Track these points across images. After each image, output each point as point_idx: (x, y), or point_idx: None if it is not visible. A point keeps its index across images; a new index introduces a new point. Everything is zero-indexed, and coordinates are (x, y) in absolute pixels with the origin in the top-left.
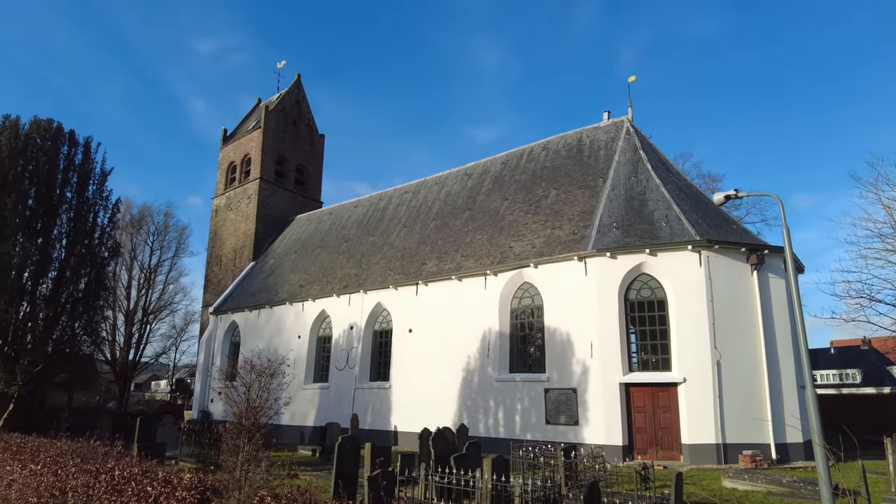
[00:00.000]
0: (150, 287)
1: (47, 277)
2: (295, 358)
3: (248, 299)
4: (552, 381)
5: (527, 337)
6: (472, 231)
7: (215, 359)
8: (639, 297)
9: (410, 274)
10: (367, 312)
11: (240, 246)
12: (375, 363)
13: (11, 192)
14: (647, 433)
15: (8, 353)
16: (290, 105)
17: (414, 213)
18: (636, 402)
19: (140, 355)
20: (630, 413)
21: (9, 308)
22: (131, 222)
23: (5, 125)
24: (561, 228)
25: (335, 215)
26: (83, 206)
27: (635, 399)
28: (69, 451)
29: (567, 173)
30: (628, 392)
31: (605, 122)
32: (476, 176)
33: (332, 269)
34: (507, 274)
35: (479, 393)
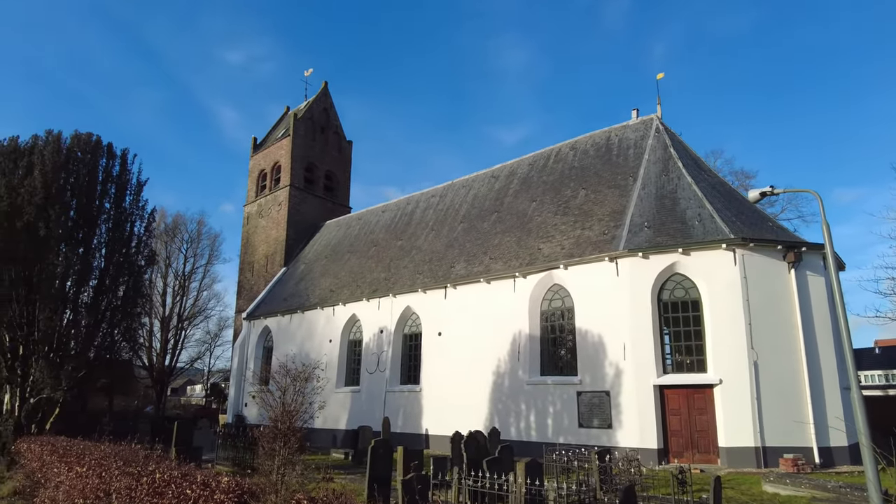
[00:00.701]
0: (185, 294)
1: (88, 286)
2: (326, 362)
3: (280, 304)
4: (584, 383)
5: (557, 339)
6: (500, 233)
7: (249, 363)
8: (672, 297)
9: (439, 277)
10: (396, 316)
11: (271, 252)
12: (406, 366)
13: (55, 204)
14: (682, 436)
15: (53, 359)
16: (318, 112)
17: (441, 216)
18: (671, 405)
19: (176, 360)
20: (665, 416)
21: (53, 316)
22: (166, 231)
23: (48, 140)
24: (591, 229)
25: (364, 220)
26: (121, 216)
27: (670, 401)
28: (112, 454)
29: (596, 173)
30: (663, 394)
31: (634, 121)
32: (503, 178)
33: (362, 273)
34: (537, 276)
35: (510, 396)
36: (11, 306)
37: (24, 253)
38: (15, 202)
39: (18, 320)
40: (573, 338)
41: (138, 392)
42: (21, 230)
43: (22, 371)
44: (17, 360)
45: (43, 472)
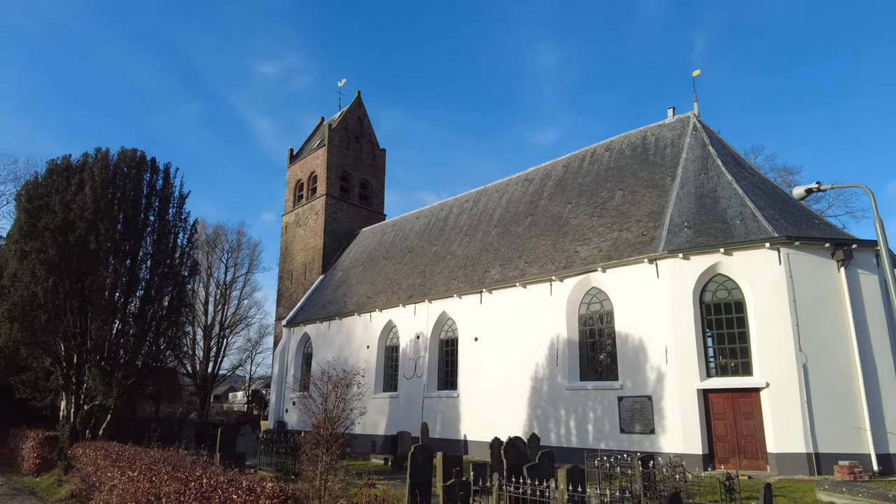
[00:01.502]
0: (226, 302)
1: (135, 296)
2: (364, 367)
3: (319, 311)
4: (625, 388)
5: (597, 343)
6: (535, 237)
7: (289, 370)
8: (715, 298)
9: (474, 282)
10: (432, 321)
11: (309, 260)
12: (443, 372)
13: (104, 219)
14: (728, 441)
15: (104, 367)
16: (352, 122)
17: (475, 221)
18: (715, 409)
19: (218, 368)
20: (709, 420)
21: (104, 326)
22: (207, 242)
23: (97, 157)
24: (629, 230)
25: (398, 227)
26: (164, 228)
27: (714, 405)
28: (161, 459)
29: (633, 173)
30: (707, 398)
31: (671, 119)
32: (537, 181)
33: (398, 279)
34: (574, 279)
35: (549, 402)
36: (66, 317)
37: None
38: (68, 218)
39: (73, 330)
40: (613, 342)
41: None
42: (74, 244)
43: (76, 379)
44: (72, 368)
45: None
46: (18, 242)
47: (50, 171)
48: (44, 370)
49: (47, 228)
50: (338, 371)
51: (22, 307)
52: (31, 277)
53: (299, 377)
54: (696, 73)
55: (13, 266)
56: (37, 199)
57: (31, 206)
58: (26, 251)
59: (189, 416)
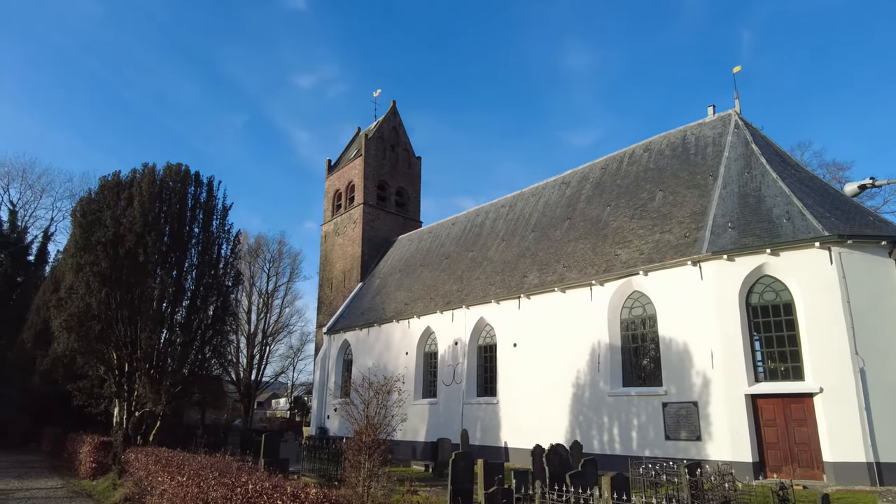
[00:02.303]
0: (268, 311)
1: (181, 306)
2: (404, 374)
3: (358, 318)
4: (670, 394)
5: (639, 349)
6: (574, 240)
7: (330, 376)
8: (762, 300)
9: (511, 287)
10: (470, 328)
11: (348, 268)
12: (482, 378)
13: (151, 232)
14: (780, 449)
15: (154, 375)
16: (388, 131)
17: (511, 226)
18: (765, 415)
19: (261, 375)
20: (759, 427)
21: (152, 335)
22: (249, 252)
23: (145, 173)
24: (670, 232)
25: (434, 234)
26: (209, 239)
27: (764, 412)
28: (208, 465)
29: (673, 174)
30: (755, 404)
31: (711, 117)
32: (574, 184)
33: (435, 285)
34: (615, 283)
35: (592, 408)
36: (118, 327)
37: (126, 277)
38: (118, 231)
39: (123, 340)
40: (656, 346)
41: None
42: (124, 257)
43: (128, 386)
44: (124, 376)
45: (149, 481)
46: (74, 256)
47: (102, 188)
48: (98, 378)
49: (100, 242)
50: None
51: (78, 318)
52: (85, 289)
53: (340, 383)
54: (737, 70)
55: (70, 278)
56: (90, 215)
57: (85, 221)
58: (81, 264)
59: (234, 423)
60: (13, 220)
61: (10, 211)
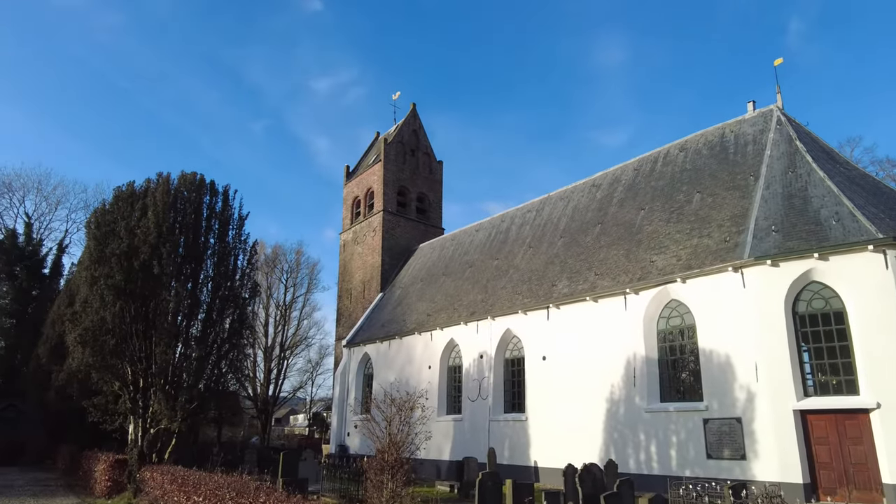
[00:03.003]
0: (286, 323)
1: (197, 320)
2: (427, 389)
3: (379, 331)
4: (711, 409)
5: (678, 361)
6: (606, 246)
7: (350, 391)
8: (810, 309)
9: (539, 297)
10: (496, 340)
11: (368, 278)
12: (509, 393)
13: (166, 243)
14: (834, 469)
15: (169, 391)
16: (408, 135)
17: (539, 232)
18: (816, 433)
19: (279, 390)
20: (809, 445)
21: (168, 350)
22: (266, 262)
23: (159, 182)
24: (709, 236)
25: (457, 241)
26: (224, 250)
27: (815, 428)
28: (225, 484)
29: (711, 174)
30: (805, 420)
31: (751, 114)
32: (605, 186)
33: (458, 296)
34: (650, 291)
35: (627, 425)
36: (132, 341)
37: (140, 290)
38: (133, 243)
39: (138, 354)
40: (696, 359)
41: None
42: (138, 269)
43: (143, 403)
44: (139, 392)
45: (165, 501)
46: (89, 269)
47: (116, 198)
48: (113, 394)
49: (114, 254)
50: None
51: (92, 332)
52: (100, 302)
53: (361, 399)
54: (778, 62)
55: (84, 292)
56: (104, 226)
57: (99, 232)
58: (95, 277)
59: (251, 440)
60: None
61: (26, 223)
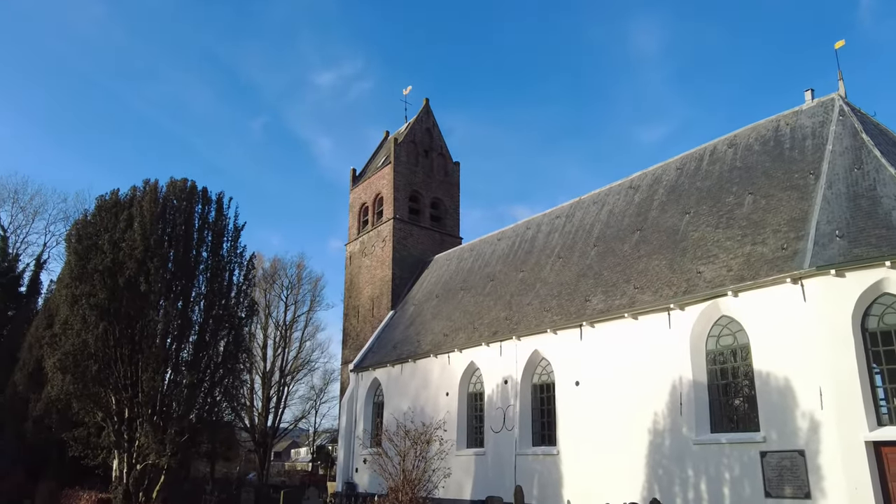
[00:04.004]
0: (287, 345)
1: (188, 342)
2: (444, 419)
3: (390, 353)
4: (770, 441)
5: (730, 386)
6: (646, 256)
7: (358, 422)
8: (882, 325)
9: (571, 314)
10: (522, 363)
11: (377, 294)
12: (538, 423)
13: (154, 257)
14: None
15: (157, 422)
16: (421, 134)
17: (569, 240)
18: (892, 467)
19: (279, 421)
20: (885, 481)
21: (155, 376)
22: (264, 277)
23: (146, 190)
24: (764, 243)
25: (477, 251)
26: (218, 264)
27: (890, 463)
28: None
29: (765, 172)
30: (879, 453)
31: (809, 104)
32: (644, 188)
33: (479, 313)
34: (698, 306)
35: (673, 459)
36: (117, 367)
37: (126, 310)
38: (117, 258)
39: (123, 381)
40: (751, 383)
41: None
42: (123, 286)
43: (128, 435)
44: (124, 423)
45: None
46: (69, 286)
47: (99, 208)
48: (96, 426)
49: (97, 270)
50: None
51: (73, 356)
52: (81, 324)
53: (370, 430)
54: (840, 45)
55: (64, 312)
56: (86, 239)
57: (80, 246)
58: (76, 295)
59: (247, 476)
60: (3, 248)
61: (1, 237)
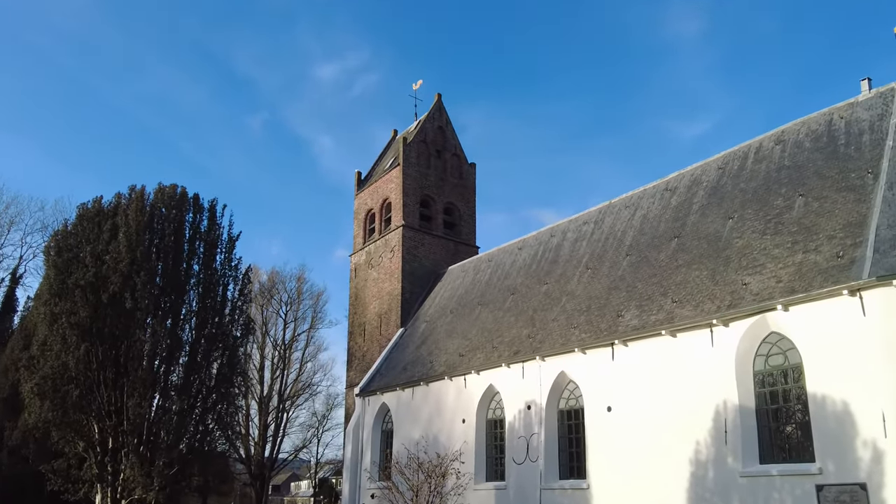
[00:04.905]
0: (286, 367)
1: (178, 364)
2: (461, 449)
3: (400, 375)
4: (827, 473)
5: (781, 411)
6: (685, 266)
7: (365, 452)
8: None
9: (601, 331)
10: (547, 386)
11: (385, 310)
12: (565, 454)
13: (140, 271)
14: None
15: (143, 453)
16: (432, 132)
17: (599, 248)
18: None
19: (277, 451)
20: None
21: (142, 402)
22: (261, 292)
23: (132, 197)
24: (817, 251)
25: (495, 262)
26: (211, 279)
27: None
28: None
29: (817, 172)
30: None
31: (866, 95)
32: (682, 190)
33: (498, 330)
34: (744, 322)
35: (718, 492)
36: (100, 392)
37: (110, 329)
38: (100, 272)
39: (107, 408)
40: (804, 408)
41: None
42: (107, 303)
43: (112, 468)
44: (107, 454)
45: None
46: (48, 304)
47: (80, 218)
48: (77, 457)
49: (78, 286)
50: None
51: (52, 381)
52: (61, 345)
53: (379, 462)
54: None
55: (42, 332)
56: (66, 252)
57: (60, 259)
58: (56, 314)
59: None
60: None
61: None
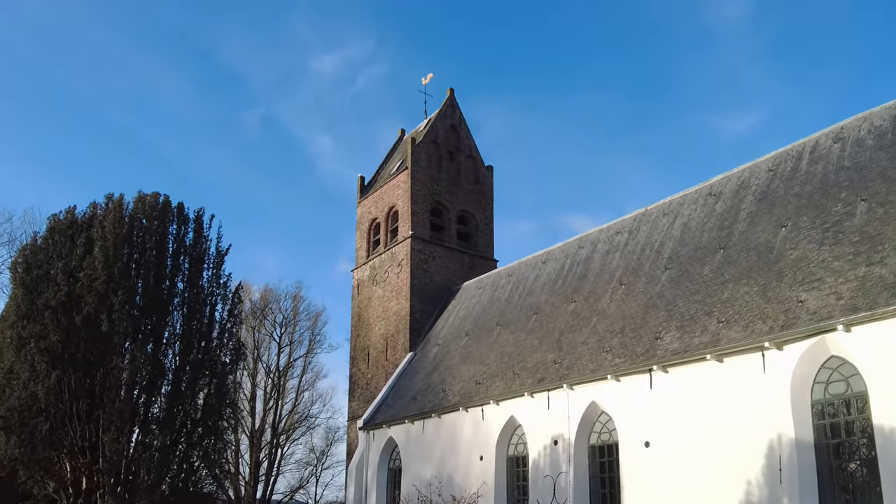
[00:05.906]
0: (280, 397)
1: (160, 395)
2: (479, 492)
3: (408, 406)
4: None
5: (843, 446)
6: (732, 281)
7: (370, 493)
8: None
9: (637, 355)
10: (576, 418)
11: (391, 332)
12: (597, 496)
13: (118, 290)
14: None
15: (121, 495)
16: (444, 132)
17: (633, 261)
18: None
19: (271, 492)
20: None
21: (120, 437)
22: (252, 312)
23: (108, 207)
24: (883, 264)
25: (516, 277)
26: (196, 298)
27: None
28: None
29: (881, 173)
30: None
31: None
32: (728, 195)
33: (520, 354)
34: (800, 345)
35: None
36: (73, 426)
37: (84, 355)
38: (73, 291)
39: (80, 444)
40: (870, 442)
41: None
42: (81, 326)
43: None
44: (80, 496)
45: None
46: (14, 326)
47: (51, 230)
48: (47, 499)
49: (48, 306)
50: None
51: (19, 413)
52: (29, 373)
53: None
54: None
55: (8, 358)
56: (36, 268)
57: (28, 277)
58: (23, 338)
59: None
60: None
61: None
